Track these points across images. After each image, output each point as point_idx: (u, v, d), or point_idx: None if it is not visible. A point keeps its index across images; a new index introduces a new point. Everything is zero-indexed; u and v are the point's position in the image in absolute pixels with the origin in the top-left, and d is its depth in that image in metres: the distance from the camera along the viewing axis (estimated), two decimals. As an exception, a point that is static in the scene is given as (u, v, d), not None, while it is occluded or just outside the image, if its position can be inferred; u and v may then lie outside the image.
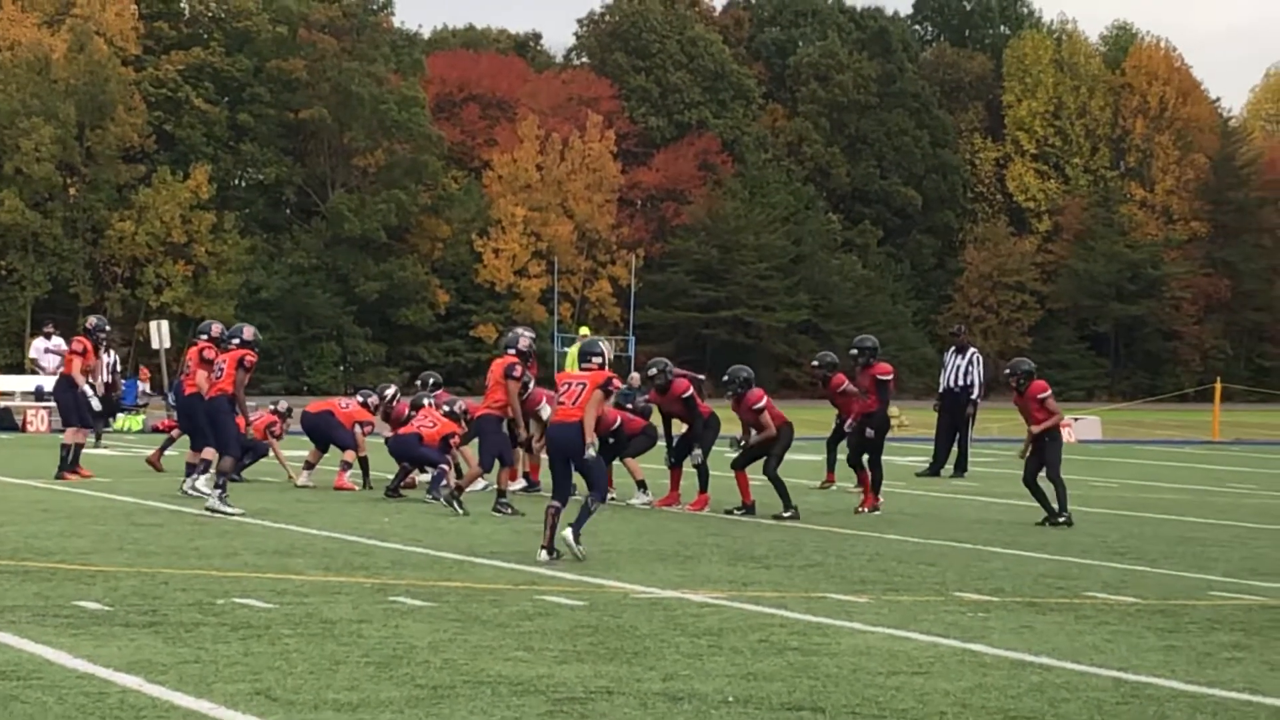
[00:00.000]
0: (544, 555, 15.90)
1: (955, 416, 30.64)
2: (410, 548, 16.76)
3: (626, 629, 11.87)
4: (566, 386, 16.59)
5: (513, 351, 21.28)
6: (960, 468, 30.28)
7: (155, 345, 48.01)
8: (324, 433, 24.60)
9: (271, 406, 26.68)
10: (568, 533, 15.96)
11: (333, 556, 15.81)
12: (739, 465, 21.78)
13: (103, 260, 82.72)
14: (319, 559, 15.59)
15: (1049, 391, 21.30)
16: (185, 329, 72.29)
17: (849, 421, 23.33)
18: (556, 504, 16.18)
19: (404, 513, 20.60)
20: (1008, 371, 21.78)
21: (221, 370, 21.08)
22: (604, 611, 12.68)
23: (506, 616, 12.32)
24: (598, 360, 16.69)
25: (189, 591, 13.22)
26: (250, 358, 21.18)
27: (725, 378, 21.52)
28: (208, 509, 19.66)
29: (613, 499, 22.98)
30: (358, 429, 24.60)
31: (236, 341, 21.35)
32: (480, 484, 22.90)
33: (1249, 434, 52.94)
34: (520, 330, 22.41)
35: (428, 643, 11.12)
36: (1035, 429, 21.11)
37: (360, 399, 25.50)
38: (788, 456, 21.88)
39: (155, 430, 38.07)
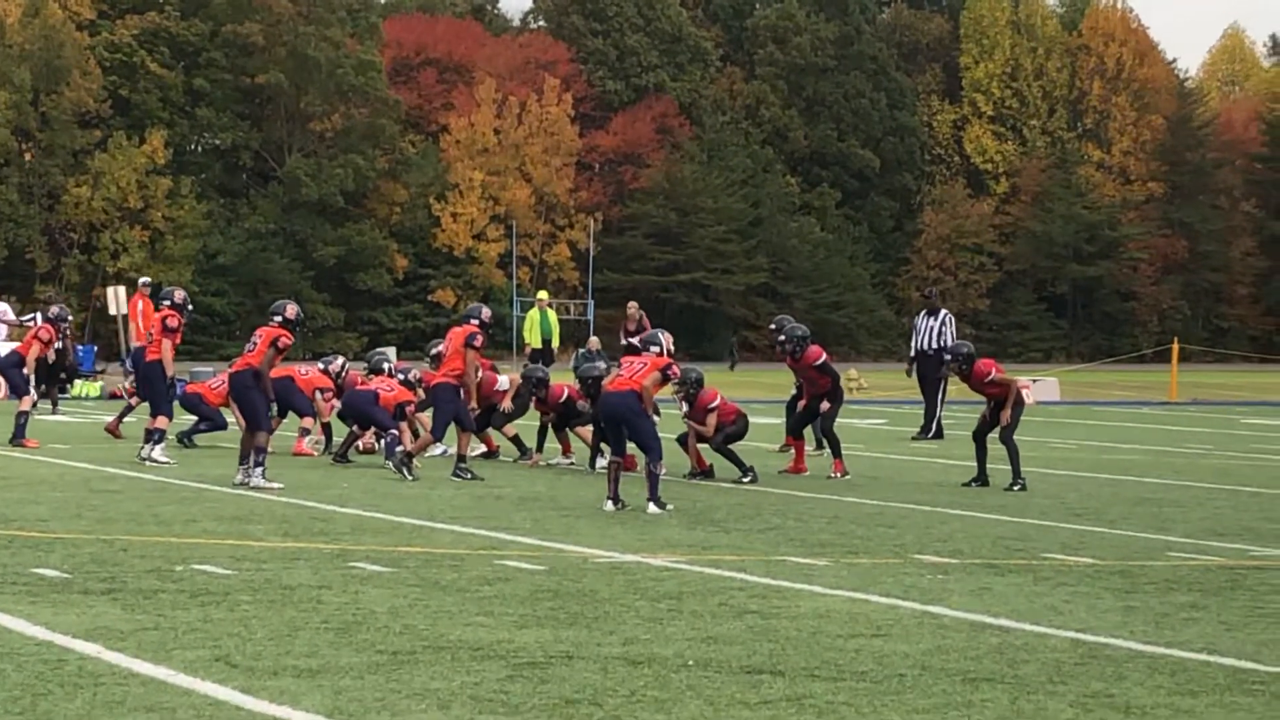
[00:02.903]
0: (610, 505, 17.37)
1: (931, 378, 30.27)
2: (369, 513, 16.74)
3: (586, 593, 11.89)
4: (629, 364, 18.36)
5: (475, 321, 21.24)
6: (928, 431, 30.03)
7: (113, 311, 47.79)
8: (283, 399, 24.42)
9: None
10: (651, 508, 17.16)
11: (291, 523, 15.79)
12: (685, 441, 21.80)
13: (59, 226, 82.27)
14: (278, 525, 15.56)
15: (993, 372, 20.92)
16: (142, 295, 71.87)
17: (801, 402, 23.08)
18: (617, 459, 17.69)
19: (363, 478, 20.56)
20: (948, 358, 21.61)
21: (254, 345, 20.08)
22: (564, 576, 12.69)
23: (466, 581, 12.32)
24: (656, 349, 18.24)
25: (148, 558, 13.19)
26: (285, 339, 20.11)
27: (678, 380, 20.43)
28: (252, 487, 18.78)
29: (571, 464, 23.04)
30: (318, 395, 24.54)
31: (278, 319, 20.36)
32: (439, 449, 22.90)
33: (1206, 394, 53.16)
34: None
35: (387, 608, 11.11)
36: (1004, 414, 20.83)
37: (321, 366, 25.44)
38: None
39: (113, 396, 37.91)
